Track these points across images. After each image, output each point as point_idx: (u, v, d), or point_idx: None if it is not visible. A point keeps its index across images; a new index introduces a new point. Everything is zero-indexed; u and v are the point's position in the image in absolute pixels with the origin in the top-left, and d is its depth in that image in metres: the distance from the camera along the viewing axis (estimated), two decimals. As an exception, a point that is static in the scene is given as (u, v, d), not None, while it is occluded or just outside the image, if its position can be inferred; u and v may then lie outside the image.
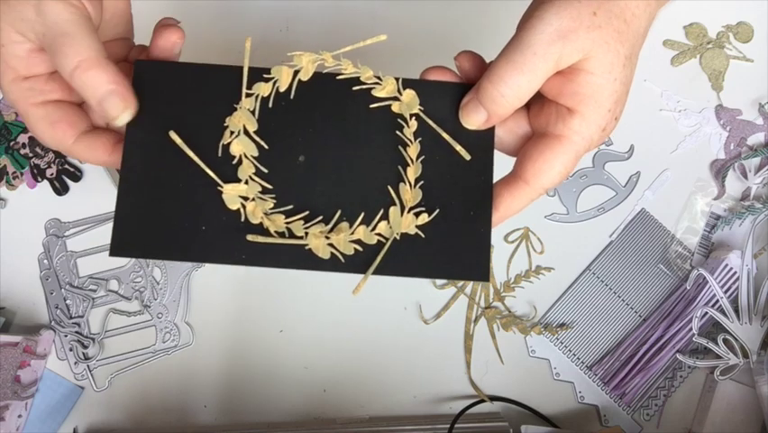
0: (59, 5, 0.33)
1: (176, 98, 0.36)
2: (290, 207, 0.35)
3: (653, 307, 0.56)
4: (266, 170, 0.36)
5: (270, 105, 0.36)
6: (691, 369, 0.56)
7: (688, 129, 0.59)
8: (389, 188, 0.36)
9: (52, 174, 0.57)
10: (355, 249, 0.35)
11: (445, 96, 0.36)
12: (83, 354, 0.55)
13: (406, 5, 0.61)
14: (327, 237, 0.35)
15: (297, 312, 0.56)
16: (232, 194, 0.35)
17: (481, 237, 0.36)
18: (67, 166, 0.58)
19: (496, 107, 0.34)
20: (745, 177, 0.58)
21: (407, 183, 0.35)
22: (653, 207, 0.58)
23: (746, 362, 0.53)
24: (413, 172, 0.35)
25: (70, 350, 0.55)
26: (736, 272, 0.54)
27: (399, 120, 0.36)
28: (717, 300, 0.53)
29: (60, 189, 0.57)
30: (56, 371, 0.55)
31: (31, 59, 0.34)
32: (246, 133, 0.36)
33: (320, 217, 0.35)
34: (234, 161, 0.35)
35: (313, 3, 0.61)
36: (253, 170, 0.36)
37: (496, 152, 0.37)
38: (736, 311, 0.54)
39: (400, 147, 0.36)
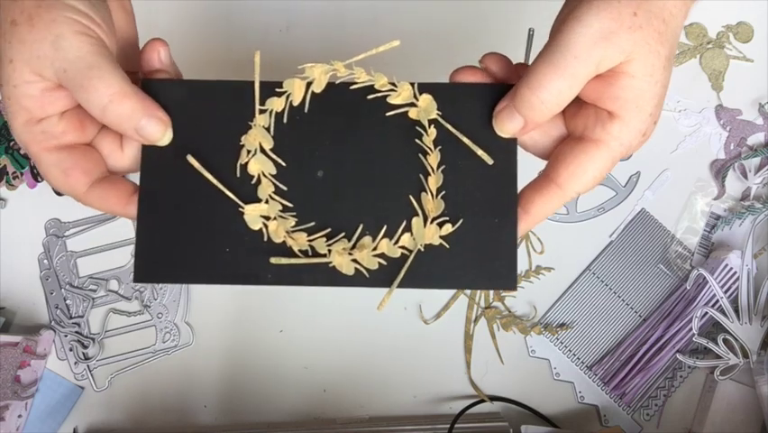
0: (77, 39, 0.31)
1: (188, 118, 0.35)
2: (312, 224, 0.35)
3: (653, 307, 0.56)
4: (285, 188, 0.35)
5: (285, 120, 0.35)
6: (691, 369, 0.56)
7: (688, 129, 0.59)
8: (411, 198, 0.34)
9: (52, 174, 0.57)
10: (379, 263, 0.34)
11: (463, 98, 0.35)
12: (83, 354, 0.55)
13: (406, 4, 0.61)
14: (350, 254, 0.34)
15: (297, 312, 0.56)
16: (253, 214, 0.34)
17: (508, 245, 0.34)
18: (67, 166, 0.58)
19: (534, 114, 0.32)
20: (745, 177, 0.58)
21: (429, 193, 0.34)
22: (653, 207, 0.58)
23: (746, 362, 0.53)
24: (434, 182, 0.34)
25: (70, 350, 0.55)
26: (735, 272, 0.54)
27: (417, 127, 0.35)
28: (717, 300, 0.53)
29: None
30: (56, 371, 0.55)
31: (45, 98, 0.32)
32: (263, 151, 0.35)
33: (342, 234, 0.34)
34: (253, 181, 0.35)
35: (312, 3, 0.60)
36: (273, 189, 0.35)
37: (520, 153, 0.35)
38: (736, 311, 0.54)
39: (420, 155, 0.35)
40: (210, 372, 0.55)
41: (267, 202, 0.34)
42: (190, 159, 0.34)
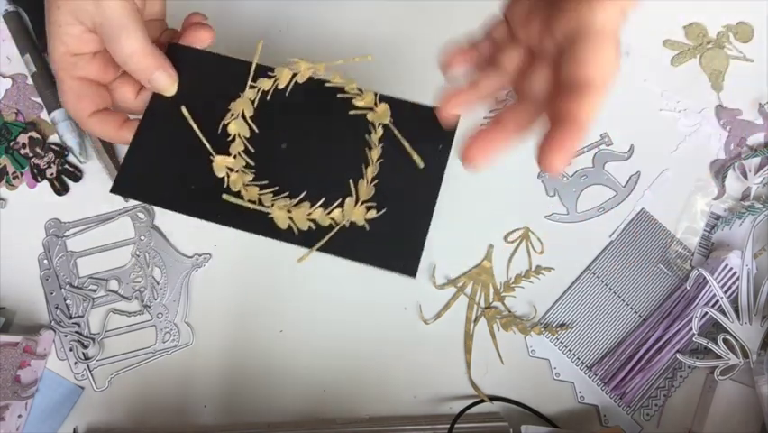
0: (115, 2, 0.39)
1: (195, 79, 0.43)
2: (266, 182, 0.41)
3: (653, 307, 0.56)
4: (252, 150, 0.42)
5: (268, 98, 0.43)
6: (691, 369, 0.56)
7: (688, 129, 0.59)
8: (350, 181, 0.40)
9: (52, 174, 0.57)
10: (309, 226, 0.40)
11: (412, 113, 0.41)
12: (83, 354, 0.55)
13: (403, 4, 0.61)
14: (289, 211, 0.40)
15: (297, 312, 0.56)
16: (220, 164, 0.41)
17: (417, 239, 0.39)
18: (67, 166, 0.58)
19: None
20: (745, 177, 0.58)
21: (365, 180, 0.41)
22: (653, 207, 0.58)
23: (746, 362, 0.53)
24: (371, 172, 0.41)
25: (70, 350, 0.55)
26: (735, 272, 0.54)
27: (371, 127, 0.42)
28: (717, 300, 0.53)
29: (60, 189, 0.57)
30: (56, 371, 0.55)
31: (82, 38, 0.41)
32: (243, 117, 0.42)
33: (286, 193, 0.41)
34: (229, 138, 0.42)
35: (312, 3, 0.61)
36: (242, 148, 0.42)
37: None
38: (736, 311, 0.54)
39: (366, 149, 0.41)
40: (210, 372, 0.55)
41: (235, 157, 0.41)
42: (183, 109, 0.42)
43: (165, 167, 0.42)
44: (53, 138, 0.58)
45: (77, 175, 0.58)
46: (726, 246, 0.56)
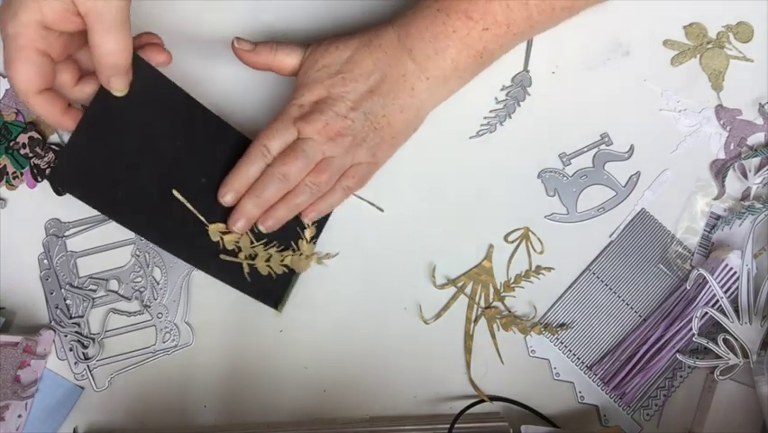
0: (122, 3, 0.40)
1: (143, 94, 0.45)
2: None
3: (653, 307, 0.56)
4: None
5: None
6: (691, 369, 0.56)
7: (688, 129, 0.59)
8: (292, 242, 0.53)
9: (52, 174, 0.57)
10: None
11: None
12: (83, 354, 0.55)
13: (402, 3, 0.61)
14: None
15: (297, 312, 0.56)
16: (214, 231, 0.49)
17: (284, 292, 0.53)
18: (67, 166, 0.58)
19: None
20: (745, 177, 0.58)
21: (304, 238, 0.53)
22: (653, 207, 0.58)
23: (746, 362, 0.53)
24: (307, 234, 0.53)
25: (70, 350, 0.55)
26: (735, 272, 0.54)
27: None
28: (717, 300, 0.53)
29: (60, 189, 0.57)
30: (56, 371, 0.55)
31: (65, 16, 0.40)
32: None
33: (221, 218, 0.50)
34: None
35: (311, 3, 0.60)
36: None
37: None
38: (736, 311, 0.54)
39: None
40: (210, 372, 0.55)
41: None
42: (175, 192, 0.47)
43: (102, 168, 0.44)
44: (53, 138, 0.58)
45: (77, 175, 0.58)
46: (726, 246, 0.56)
